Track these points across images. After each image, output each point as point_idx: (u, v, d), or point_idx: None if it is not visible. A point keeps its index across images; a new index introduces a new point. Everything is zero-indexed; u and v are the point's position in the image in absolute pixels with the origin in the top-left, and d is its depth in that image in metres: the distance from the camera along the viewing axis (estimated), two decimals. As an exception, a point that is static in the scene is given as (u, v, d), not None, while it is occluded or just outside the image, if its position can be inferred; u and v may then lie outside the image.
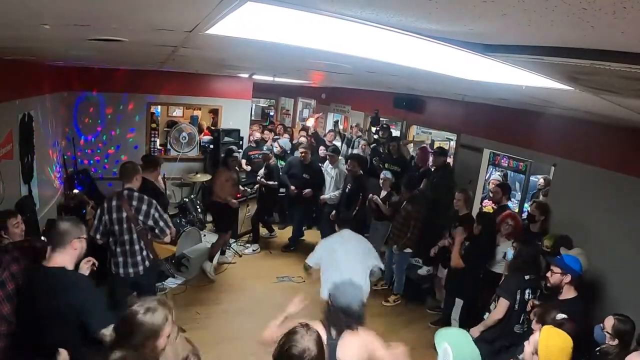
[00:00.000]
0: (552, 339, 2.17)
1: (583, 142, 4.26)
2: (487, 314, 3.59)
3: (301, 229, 7.09)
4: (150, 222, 3.63)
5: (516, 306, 3.42)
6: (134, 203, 3.58)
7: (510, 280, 3.54)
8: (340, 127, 9.26)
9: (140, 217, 3.59)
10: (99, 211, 3.64)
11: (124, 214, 3.53)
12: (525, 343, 2.30)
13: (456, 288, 4.48)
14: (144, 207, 3.60)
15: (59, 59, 4.71)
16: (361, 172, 6.07)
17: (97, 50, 3.05)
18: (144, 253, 3.69)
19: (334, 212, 6.36)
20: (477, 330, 3.54)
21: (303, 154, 6.59)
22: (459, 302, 4.41)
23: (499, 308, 3.43)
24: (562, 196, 4.48)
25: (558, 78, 1.65)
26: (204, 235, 6.30)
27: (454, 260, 4.35)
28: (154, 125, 8.10)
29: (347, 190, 6.10)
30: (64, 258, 2.29)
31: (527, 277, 3.50)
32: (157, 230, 3.68)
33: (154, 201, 3.68)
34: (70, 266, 2.32)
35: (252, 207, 7.05)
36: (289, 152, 7.58)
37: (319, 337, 1.81)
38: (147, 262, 3.72)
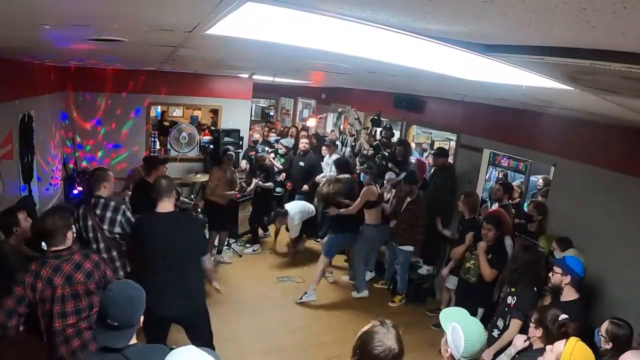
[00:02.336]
0: (577, 353, 2.10)
1: (583, 142, 4.26)
2: (496, 331, 3.47)
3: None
4: (118, 229, 3.49)
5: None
6: (98, 211, 3.46)
7: (523, 299, 3.36)
8: (341, 126, 9.31)
9: (105, 226, 3.47)
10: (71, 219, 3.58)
11: (89, 222, 3.44)
12: (547, 348, 2.23)
13: (478, 299, 4.22)
14: (109, 214, 3.47)
15: (58, 58, 4.72)
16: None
17: (97, 50, 3.05)
18: (117, 263, 3.56)
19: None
20: (490, 353, 3.34)
21: (304, 144, 7.06)
22: (479, 311, 4.19)
23: (513, 328, 3.29)
24: (562, 196, 4.47)
25: (558, 78, 1.65)
26: (205, 232, 6.30)
27: (486, 273, 4.13)
28: (166, 124, 8.09)
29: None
30: (171, 204, 3.21)
31: (535, 289, 3.41)
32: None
33: (123, 207, 3.54)
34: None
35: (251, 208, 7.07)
36: (292, 150, 7.70)
37: (398, 333, 1.76)
38: (121, 272, 3.56)
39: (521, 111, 4.79)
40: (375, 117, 7.30)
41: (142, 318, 1.91)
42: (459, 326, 1.86)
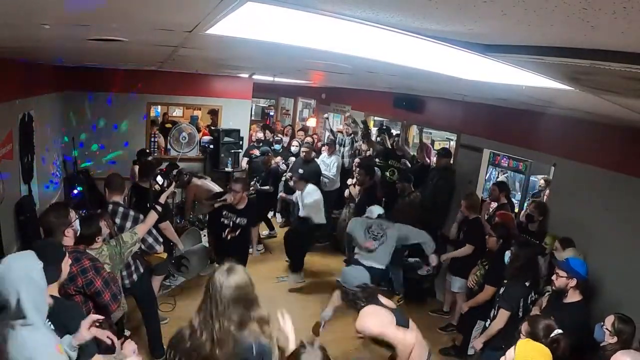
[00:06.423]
0: (531, 351, 2.10)
1: (583, 142, 4.25)
2: (489, 321, 3.48)
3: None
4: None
5: (520, 313, 3.32)
6: (118, 221, 3.46)
7: (510, 289, 3.39)
8: (340, 126, 9.31)
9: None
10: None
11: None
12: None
13: (479, 311, 4.06)
14: (128, 224, 3.48)
15: (59, 58, 4.71)
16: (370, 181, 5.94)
17: (97, 50, 3.05)
18: (132, 267, 3.59)
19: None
20: (479, 342, 3.43)
21: (305, 152, 6.82)
22: (478, 324, 4.05)
23: (500, 318, 3.31)
24: (562, 196, 4.47)
25: (558, 78, 1.65)
26: (204, 235, 6.29)
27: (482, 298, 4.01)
28: (169, 126, 8.10)
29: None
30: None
31: (527, 284, 3.41)
32: (144, 247, 3.60)
33: (141, 216, 3.50)
34: None
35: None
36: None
37: (324, 352, 1.81)
38: (139, 273, 3.65)
39: (521, 111, 4.78)
40: (380, 127, 7.39)
41: None
42: None
